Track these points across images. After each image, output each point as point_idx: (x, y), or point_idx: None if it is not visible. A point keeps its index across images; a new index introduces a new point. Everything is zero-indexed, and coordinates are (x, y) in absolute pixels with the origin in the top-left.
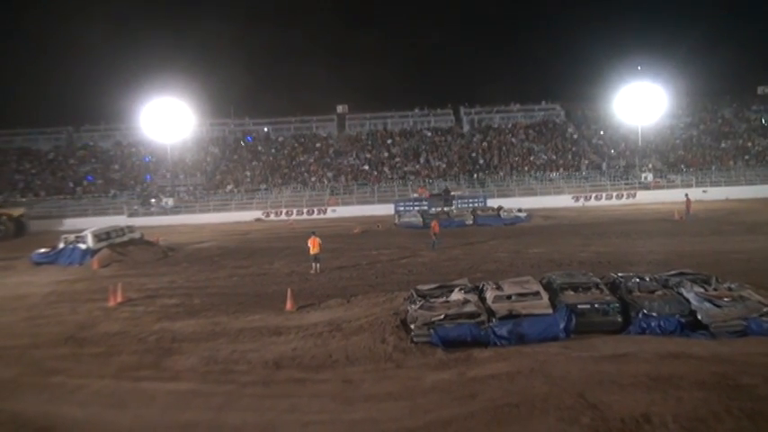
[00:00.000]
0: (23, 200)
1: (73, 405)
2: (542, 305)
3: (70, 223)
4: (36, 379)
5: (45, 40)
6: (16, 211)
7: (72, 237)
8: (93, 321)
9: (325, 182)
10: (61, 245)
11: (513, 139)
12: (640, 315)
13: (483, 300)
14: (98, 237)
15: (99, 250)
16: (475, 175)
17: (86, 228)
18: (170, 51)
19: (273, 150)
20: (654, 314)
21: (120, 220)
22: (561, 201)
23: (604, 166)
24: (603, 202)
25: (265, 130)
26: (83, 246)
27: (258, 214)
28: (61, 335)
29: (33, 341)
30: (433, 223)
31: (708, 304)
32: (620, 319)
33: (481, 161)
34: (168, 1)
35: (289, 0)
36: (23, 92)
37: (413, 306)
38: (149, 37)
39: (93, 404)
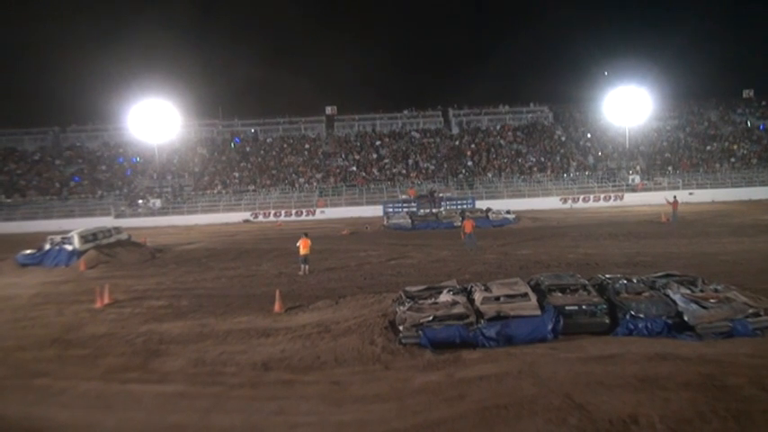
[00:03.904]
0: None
1: (58, 407)
2: (530, 306)
3: (56, 224)
4: (21, 381)
5: (31, 39)
6: None
7: (58, 238)
8: (79, 323)
9: (314, 183)
10: (47, 246)
11: (502, 141)
12: (627, 316)
13: (471, 301)
14: (85, 238)
15: (86, 251)
16: (463, 176)
17: (73, 229)
18: (158, 52)
19: (262, 151)
20: (641, 315)
21: (107, 222)
22: (549, 202)
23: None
24: (591, 203)
25: (253, 131)
26: (69, 247)
27: (246, 215)
28: (47, 337)
29: (19, 343)
30: (466, 222)
31: (694, 306)
32: (607, 321)
33: (470, 163)
34: (156, 3)
35: (278, 1)
36: (9, 91)
37: (401, 307)
38: (137, 38)
39: (79, 406)
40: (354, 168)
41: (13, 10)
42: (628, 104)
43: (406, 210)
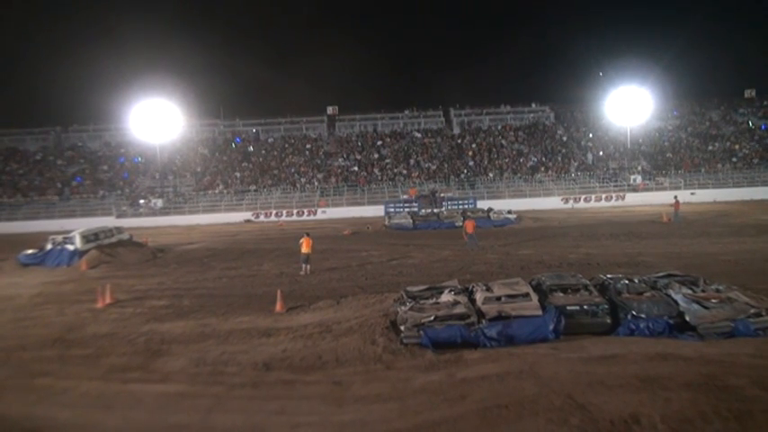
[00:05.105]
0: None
1: (60, 407)
2: (532, 306)
3: (58, 224)
4: (23, 381)
5: (33, 39)
6: None
7: (60, 238)
8: (81, 323)
9: (315, 183)
10: (49, 246)
11: (503, 141)
12: (629, 316)
13: (473, 301)
14: (86, 238)
15: (87, 251)
16: (464, 176)
17: (74, 229)
18: (159, 52)
19: (263, 151)
20: (642, 316)
21: (109, 221)
22: (550, 202)
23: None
24: (592, 203)
25: (254, 130)
26: (71, 247)
27: (248, 215)
28: (49, 336)
29: (20, 343)
30: (467, 222)
31: (696, 306)
32: (608, 321)
33: (471, 163)
34: (158, 3)
35: (279, 1)
36: (10, 92)
37: (403, 307)
38: (139, 38)
39: (80, 406)
40: (356, 168)
41: (14, 10)
42: (629, 104)
43: (407, 210)
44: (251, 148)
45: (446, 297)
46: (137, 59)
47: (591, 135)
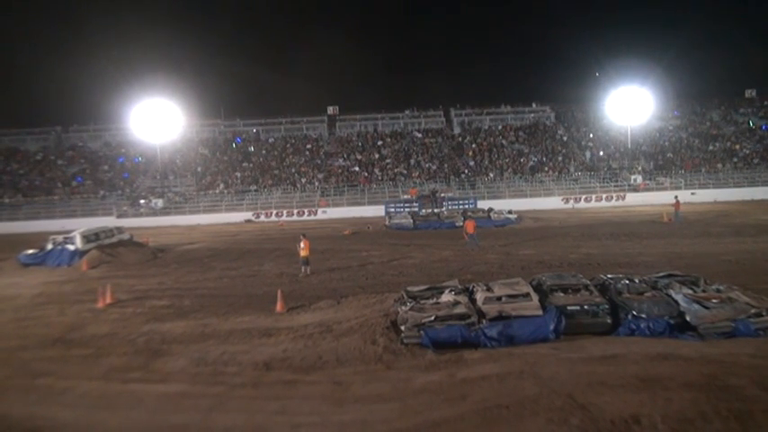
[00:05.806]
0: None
1: (61, 407)
2: (532, 307)
3: (59, 224)
4: (24, 381)
5: (34, 39)
6: None
7: (60, 238)
8: (81, 323)
9: (316, 183)
10: (49, 246)
11: (504, 141)
12: (629, 316)
13: (473, 301)
14: (87, 238)
15: (88, 251)
16: (464, 176)
17: (75, 229)
18: (160, 52)
19: (264, 151)
20: (643, 316)
21: (110, 222)
22: (551, 203)
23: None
24: (593, 203)
25: (255, 130)
26: (71, 247)
27: (248, 215)
28: (49, 336)
29: (21, 343)
30: (467, 222)
31: (696, 306)
32: (609, 321)
33: (471, 163)
34: (158, 3)
35: (279, 2)
36: (11, 92)
37: (403, 307)
38: (139, 38)
39: (81, 406)
40: (356, 168)
41: (14, 10)
42: (630, 104)
43: (407, 210)
44: (251, 148)
45: (446, 297)
46: (137, 59)
47: (591, 135)
